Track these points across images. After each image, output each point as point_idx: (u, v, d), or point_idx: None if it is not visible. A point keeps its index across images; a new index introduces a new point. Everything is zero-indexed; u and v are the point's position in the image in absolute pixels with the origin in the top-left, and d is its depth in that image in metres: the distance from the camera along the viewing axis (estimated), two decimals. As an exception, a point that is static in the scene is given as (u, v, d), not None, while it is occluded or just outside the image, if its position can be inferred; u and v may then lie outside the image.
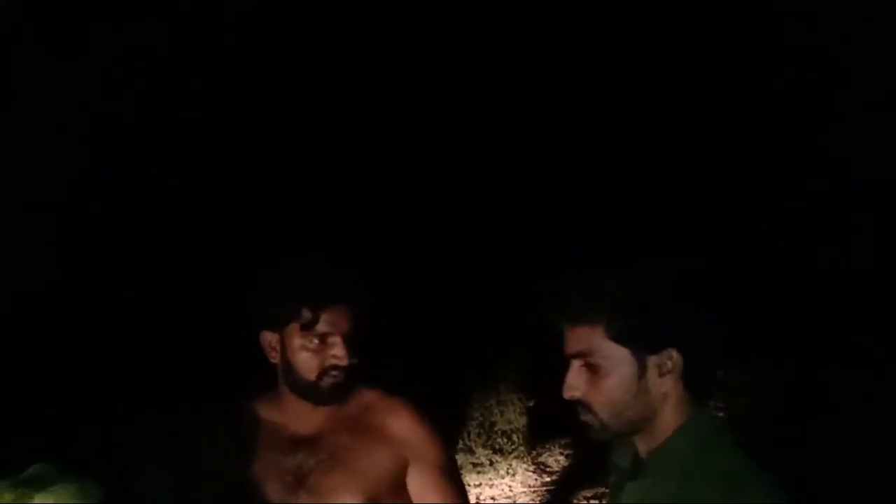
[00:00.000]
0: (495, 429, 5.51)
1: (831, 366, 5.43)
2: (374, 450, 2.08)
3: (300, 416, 2.12)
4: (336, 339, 2.05)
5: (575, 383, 1.63)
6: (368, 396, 2.16)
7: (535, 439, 5.47)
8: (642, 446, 1.65)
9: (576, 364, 1.63)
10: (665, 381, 1.61)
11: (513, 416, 5.54)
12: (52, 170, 6.12)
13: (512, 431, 5.46)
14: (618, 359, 1.59)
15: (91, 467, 1.84)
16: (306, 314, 2.05)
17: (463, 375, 5.57)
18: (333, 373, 2.07)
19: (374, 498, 2.04)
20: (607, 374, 1.60)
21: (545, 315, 1.69)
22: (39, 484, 1.80)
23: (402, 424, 2.12)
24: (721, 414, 5.28)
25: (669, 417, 1.64)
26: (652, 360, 1.60)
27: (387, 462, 2.08)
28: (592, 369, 1.61)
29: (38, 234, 5.93)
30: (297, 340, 2.07)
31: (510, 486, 5.16)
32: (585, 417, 1.64)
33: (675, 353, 1.59)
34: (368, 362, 2.11)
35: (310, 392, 2.09)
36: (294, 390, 2.12)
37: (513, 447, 5.41)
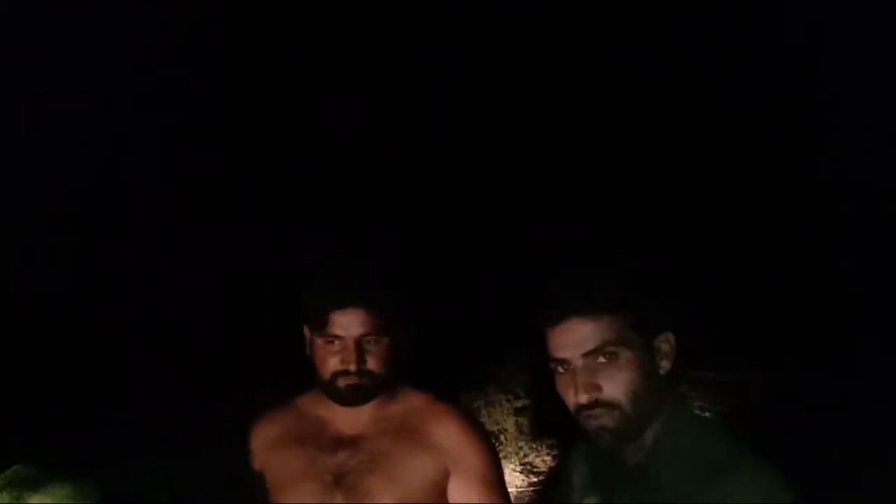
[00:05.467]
0: (483, 430, 5.52)
1: (824, 368, 5.46)
2: (415, 456, 2.08)
3: (345, 415, 2.11)
4: (346, 343, 2.03)
5: (593, 382, 1.63)
6: (416, 400, 2.14)
7: (522, 440, 5.48)
8: (632, 451, 1.68)
9: (586, 363, 1.64)
10: (665, 364, 1.64)
11: (500, 417, 5.54)
12: (55, 169, 6.11)
13: (499, 432, 5.46)
14: (637, 348, 1.63)
15: (87, 467, 1.83)
16: (318, 315, 2.04)
17: (451, 376, 5.57)
18: (344, 377, 2.05)
19: None
20: (627, 364, 1.62)
21: (555, 308, 1.66)
22: (32, 484, 1.78)
23: (447, 433, 2.10)
24: (707, 414, 5.30)
25: (657, 407, 1.66)
26: (655, 343, 1.65)
27: (426, 470, 2.07)
28: (609, 363, 1.63)
29: (35, 233, 5.92)
30: (317, 339, 2.07)
31: (497, 487, 5.16)
32: (603, 420, 1.64)
33: (671, 336, 1.65)
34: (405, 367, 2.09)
35: (328, 392, 2.08)
36: (319, 387, 2.11)
37: (500, 448, 5.41)
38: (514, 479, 5.18)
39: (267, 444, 2.18)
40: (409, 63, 7.32)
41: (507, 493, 2.18)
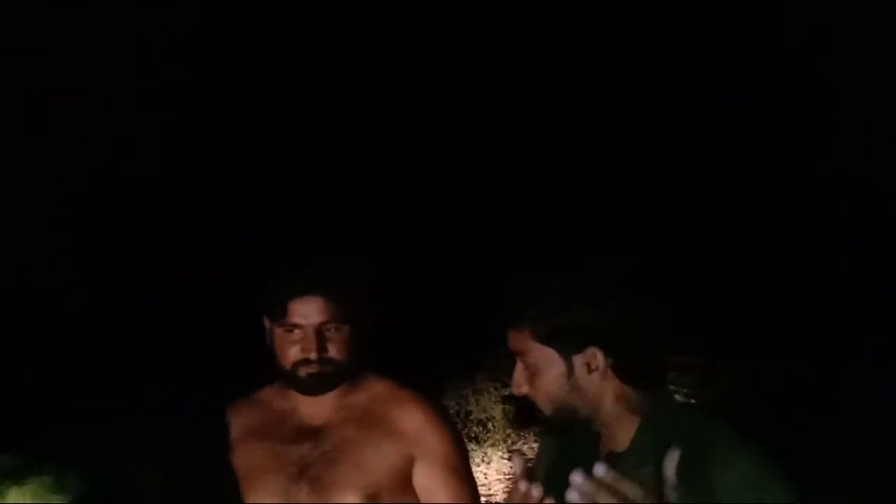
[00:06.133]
0: (471, 417, 5.52)
1: (806, 360, 5.46)
2: (380, 444, 2.08)
3: (307, 405, 2.11)
4: (305, 332, 2.02)
5: (519, 380, 1.74)
6: (379, 387, 2.15)
7: (510, 428, 5.49)
8: (610, 443, 1.73)
9: (519, 362, 1.74)
10: (594, 377, 1.66)
11: (488, 405, 5.55)
12: (55, 169, 6.13)
13: (487, 420, 5.47)
14: (546, 359, 1.70)
15: (72, 461, 1.82)
16: (275, 304, 2.03)
17: (439, 364, 5.57)
18: (305, 365, 2.04)
19: (373, 493, 2.04)
20: (540, 372, 1.70)
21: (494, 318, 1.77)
22: (12, 476, 1.76)
23: (410, 419, 2.11)
24: (694, 401, 5.30)
25: (620, 409, 1.69)
26: (578, 359, 1.68)
27: (390, 457, 2.08)
28: (530, 368, 1.71)
29: (35, 233, 5.93)
30: (277, 329, 2.06)
31: (485, 474, 5.17)
32: (537, 412, 1.75)
33: (597, 352, 1.66)
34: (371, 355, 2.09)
35: (290, 381, 2.07)
36: (281, 378, 2.10)
37: (488, 435, 5.42)
38: (502, 467, 5.19)
39: (231, 438, 2.16)
40: (409, 63, 7.32)
41: (472, 477, 2.18)
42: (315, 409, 2.11)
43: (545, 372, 1.70)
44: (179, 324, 5.48)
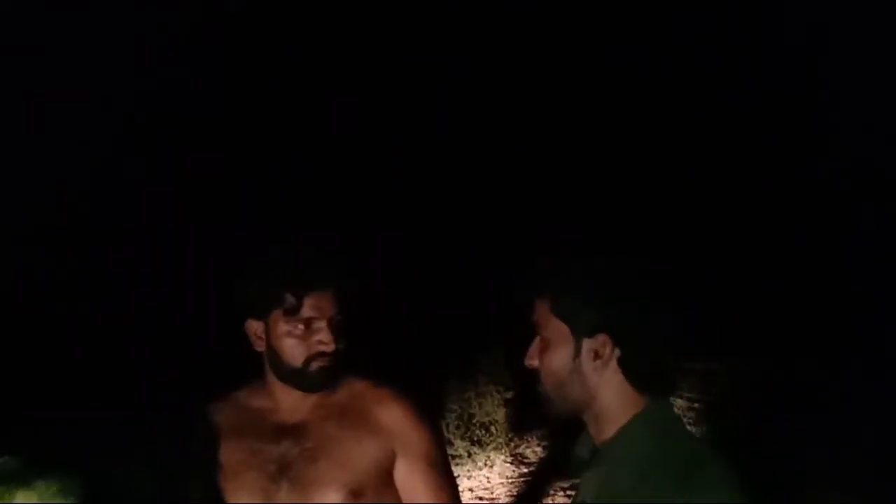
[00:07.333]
0: (474, 421, 5.52)
1: (806, 361, 5.46)
2: (360, 441, 2.08)
3: (287, 404, 2.11)
4: (321, 325, 2.03)
5: (532, 353, 1.76)
6: (358, 386, 2.16)
7: (513, 431, 5.49)
8: (597, 437, 1.73)
9: (537, 336, 1.75)
10: (597, 365, 1.67)
11: (491, 408, 5.56)
12: (55, 169, 6.12)
13: (490, 423, 5.47)
14: (559, 335, 1.71)
15: (71, 464, 1.81)
16: (290, 299, 2.02)
17: (442, 367, 5.57)
18: (320, 359, 2.04)
19: (356, 490, 2.04)
20: (550, 347, 1.72)
21: (517, 291, 1.81)
22: (17, 481, 1.76)
23: (391, 416, 2.11)
24: (696, 405, 5.31)
25: (615, 406, 1.69)
26: (587, 343, 1.69)
27: (372, 454, 2.08)
28: (543, 342, 1.73)
29: (35, 229, 5.92)
30: (282, 327, 2.05)
31: (488, 478, 5.16)
32: (539, 388, 1.76)
33: (607, 340, 1.67)
34: (352, 351, 2.09)
35: (297, 379, 2.06)
36: (281, 378, 2.09)
37: (491, 439, 5.42)
38: (505, 470, 5.19)
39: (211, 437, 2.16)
40: (408, 63, 7.33)
41: (451, 473, 2.20)
42: (294, 407, 2.12)
43: (555, 348, 1.71)
44: (179, 324, 5.47)
